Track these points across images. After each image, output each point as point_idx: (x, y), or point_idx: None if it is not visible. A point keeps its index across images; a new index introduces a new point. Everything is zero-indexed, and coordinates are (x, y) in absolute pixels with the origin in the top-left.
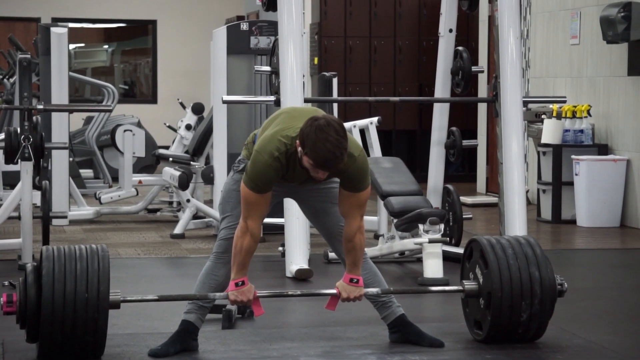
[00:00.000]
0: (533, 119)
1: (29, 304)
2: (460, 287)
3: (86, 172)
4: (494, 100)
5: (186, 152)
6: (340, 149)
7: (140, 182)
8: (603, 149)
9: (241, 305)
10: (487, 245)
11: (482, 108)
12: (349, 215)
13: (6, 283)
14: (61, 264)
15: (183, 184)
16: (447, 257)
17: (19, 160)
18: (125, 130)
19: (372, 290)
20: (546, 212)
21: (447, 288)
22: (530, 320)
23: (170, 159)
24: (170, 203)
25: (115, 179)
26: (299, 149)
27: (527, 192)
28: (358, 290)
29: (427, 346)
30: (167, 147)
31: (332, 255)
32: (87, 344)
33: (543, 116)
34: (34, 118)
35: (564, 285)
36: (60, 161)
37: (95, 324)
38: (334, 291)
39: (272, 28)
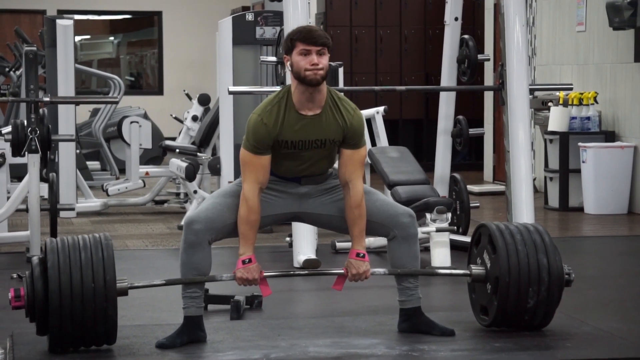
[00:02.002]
0: (540, 106)
1: (36, 298)
2: (467, 272)
3: (93, 164)
4: (500, 89)
5: (193, 143)
6: (320, 28)
7: (147, 173)
8: (610, 136)
9: (248, 285)
10: (496, 230)
11: (488, 96)
12: (354, 175)
13: (15, 275)
14: (65, 255)
15: (190, 175)
16: (454, 246)
17: (26, 152)
18: (131, 122)
19: (379, 270)
20: (553, 200)
21: (454, 272)
22: (536, 307)
23: (177, 150)
24: (177, 194)
25: (122, 170)
26: (286, 60)
27: (534, 180)
28: (365, 265)
29: (438, 335)
30: (173, 139)
31: (339, 245)
32: (98, 334)
33: (550, 104)
34: (41, 110)
35: (572, 274)
36: (67, 153)
37: (104, 313)
38: (341, 270)
39: (277, 18)
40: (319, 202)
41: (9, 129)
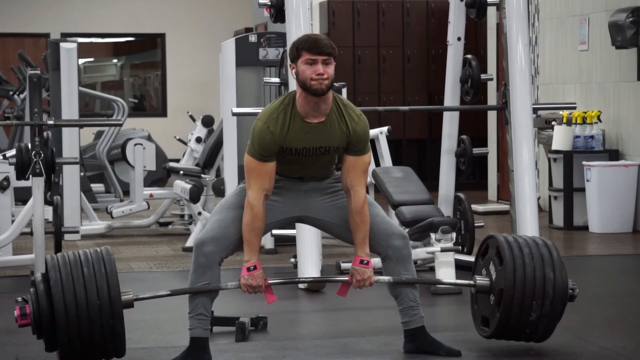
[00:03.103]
0: (543, 125)
1: (42, 315)
2: (471, 282)
3: (97, 187)
4: (503, 108)
5: (197, 164)
6: (325, 37)
7: (151, 195)
8: (614, 155)
9: (253, 291)
10: (504, 242)
11: (492, 116)
12: (356, 182)
13: (20, 299)
14: (68, 272)
15: (194, 196)
16: (459, 266)
17: (31, 176)
18: (135, 144)
19: (384, 278)
20: (558, 219)
21: (458, 281)
22: (539, 320)
23: (181, 172)
24: (182, 216)
25: (127, 192)
26: (292, 68)
27: (538, 199)
28: (369, 271)
29: (444, 355)
30: (177, 160)
31: (344, 265)
32: (107, 349)
33: (553, 123)
34: (45, 134)
35: (576, 290)
36: (71, 176)
37: (112, 330)
38: (345, 278)
39: (280, 39)
40: (321, 204)
41: (13, 152)
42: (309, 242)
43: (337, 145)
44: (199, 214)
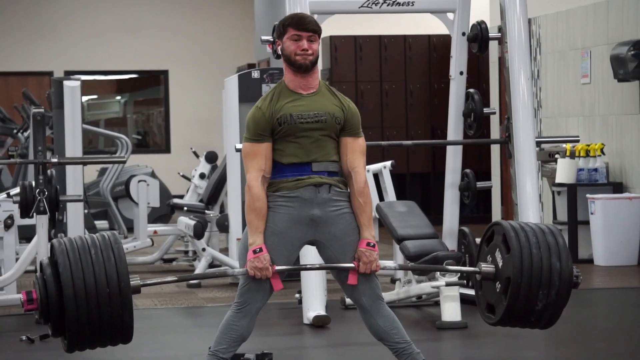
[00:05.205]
0: (547, 158)
1: (50, 302)
2: (477, 269)
3: (101, 224)
4: (506, 142)
5: (200, 200)
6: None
7: (155, 232)
8: (618, 187)
9: (260, 274)
10: (511, 230)
11: (495, 149)
12: (356, 164)
13: (24, 338)
14: (77, 258)
15: (198, 233)
16: (464, 300)
17: (35, 214)
18: (139, 181)
19: (390, 263)
20: None
21: (463, 268)
22: (544, 309)
23: (185, 208)
24: (186, 252)
25: (131, 229)
26: (278, 45)
27: None
28: (376, 254)
29: None
30: (181, 197)
31: (349, 301)
32: (115, 337)
33: (556, 156)
34: (49, 171)
35: (580, 277)
36: (75, 213)
37: (121, 319)
38: (351, 265)
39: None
40: (331, 234)
41: (17, 190)
42: (313, 277)
43: (332, 113)
44: (203, 250)
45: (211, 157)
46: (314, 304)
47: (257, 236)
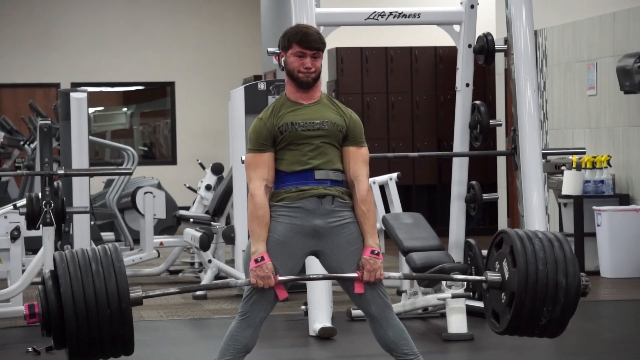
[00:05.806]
0: (553, 170)
1: (52, 316)
2: (483, 278)
3: (107, 235)
4: (513, 153)
5: (207, 212)
6: (315, 29)
7: (161, 243)
8: (624, 199)
9: (263, 283)
10: (519, 243)
11: (501, 161)
12: (359, 172)
13: (30, 349)
14: (78, 277)
15: (204, 244)
16: (470, 312)
17: (41, 225)
18: (145, 193)
19: (394, 274)
20: None
21: (469, 277)
22: (549, 324)
23: (191, 219)
24: (192, 264)
25: (137, 241)
26: (281, 56)
27: None
28: (380, 263)
29: None
30: (187, 208)
31: (355, 312)
32: (117, 351)
33: (563, 167)
34: (55, 183)
35: (588, 286)
36: (81, 225)
37: (122, 337)
38: (355, 275)
39: None
40: (335, 244)
41: (23, 202)
42: (319, 289)
43: (334, 121)
44: (209, 261)
45: (217, 169)
46: (320, 316)
47: (259, 244)
